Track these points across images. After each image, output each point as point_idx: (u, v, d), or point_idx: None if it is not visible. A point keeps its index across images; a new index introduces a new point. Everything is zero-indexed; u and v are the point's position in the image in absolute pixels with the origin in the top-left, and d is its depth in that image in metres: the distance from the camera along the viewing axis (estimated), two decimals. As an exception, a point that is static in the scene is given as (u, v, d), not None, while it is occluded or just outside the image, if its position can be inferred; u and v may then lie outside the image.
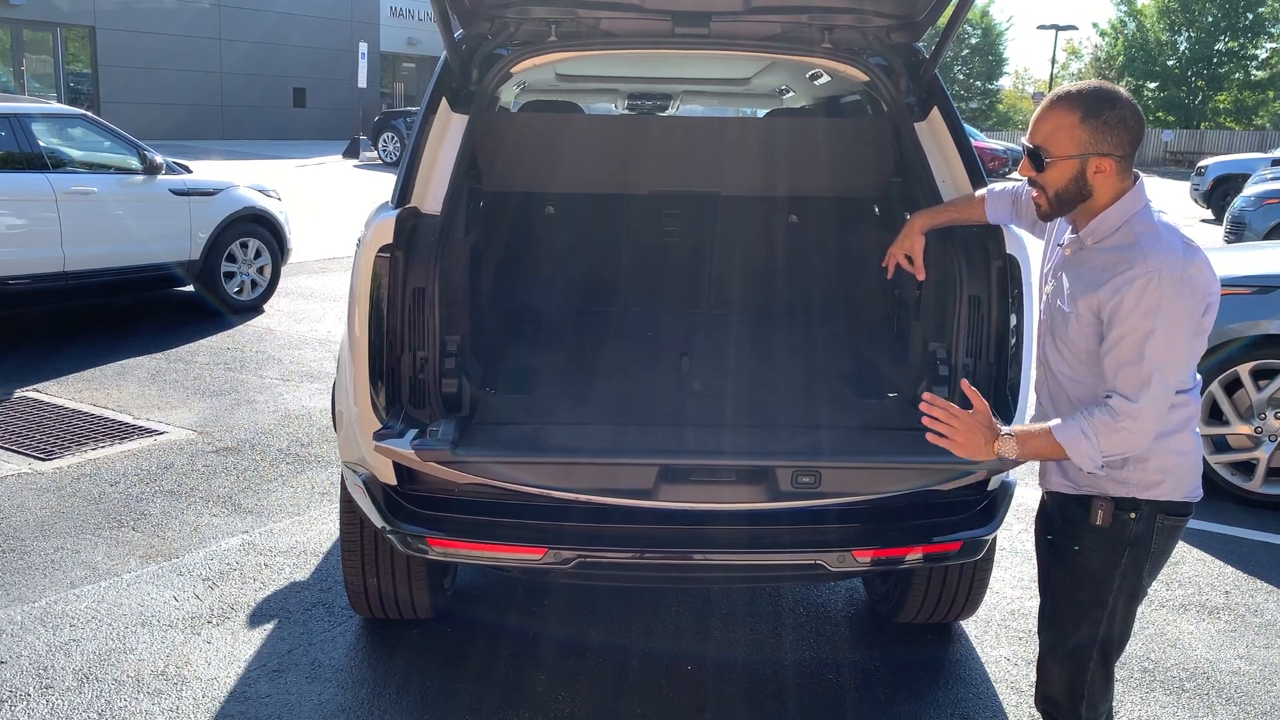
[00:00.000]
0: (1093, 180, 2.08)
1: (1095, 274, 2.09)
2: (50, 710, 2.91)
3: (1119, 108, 2.05)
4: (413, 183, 2.90)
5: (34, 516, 4.21)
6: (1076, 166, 2.08)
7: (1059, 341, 2.20)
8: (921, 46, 3.20)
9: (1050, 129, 2.09)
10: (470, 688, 3.11)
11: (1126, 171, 2.09)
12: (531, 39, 3.07)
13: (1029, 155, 2.14)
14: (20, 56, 25.82)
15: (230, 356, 6.89)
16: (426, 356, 2.72)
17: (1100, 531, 2.17)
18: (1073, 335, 2.15)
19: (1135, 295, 2.00)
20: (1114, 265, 2.04)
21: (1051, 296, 2.23)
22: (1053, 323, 2.22)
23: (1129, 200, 2.09)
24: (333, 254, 11.04)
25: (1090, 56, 53.52)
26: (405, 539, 2.67)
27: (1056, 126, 2.08)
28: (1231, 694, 3.24)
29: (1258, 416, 4.78)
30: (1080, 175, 2.08)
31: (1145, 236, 2.05)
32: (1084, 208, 2.13)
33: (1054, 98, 2.11)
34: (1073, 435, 2.06)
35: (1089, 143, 2.05)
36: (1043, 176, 2.12)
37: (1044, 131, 2.10)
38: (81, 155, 7.33)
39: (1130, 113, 2.06)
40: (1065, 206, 2.15)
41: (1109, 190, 2.09)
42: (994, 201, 2.67)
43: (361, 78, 25.84)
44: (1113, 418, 2.03)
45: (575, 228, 4.13)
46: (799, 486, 2.56)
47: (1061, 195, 2.12)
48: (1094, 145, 2.05)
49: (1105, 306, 2.05)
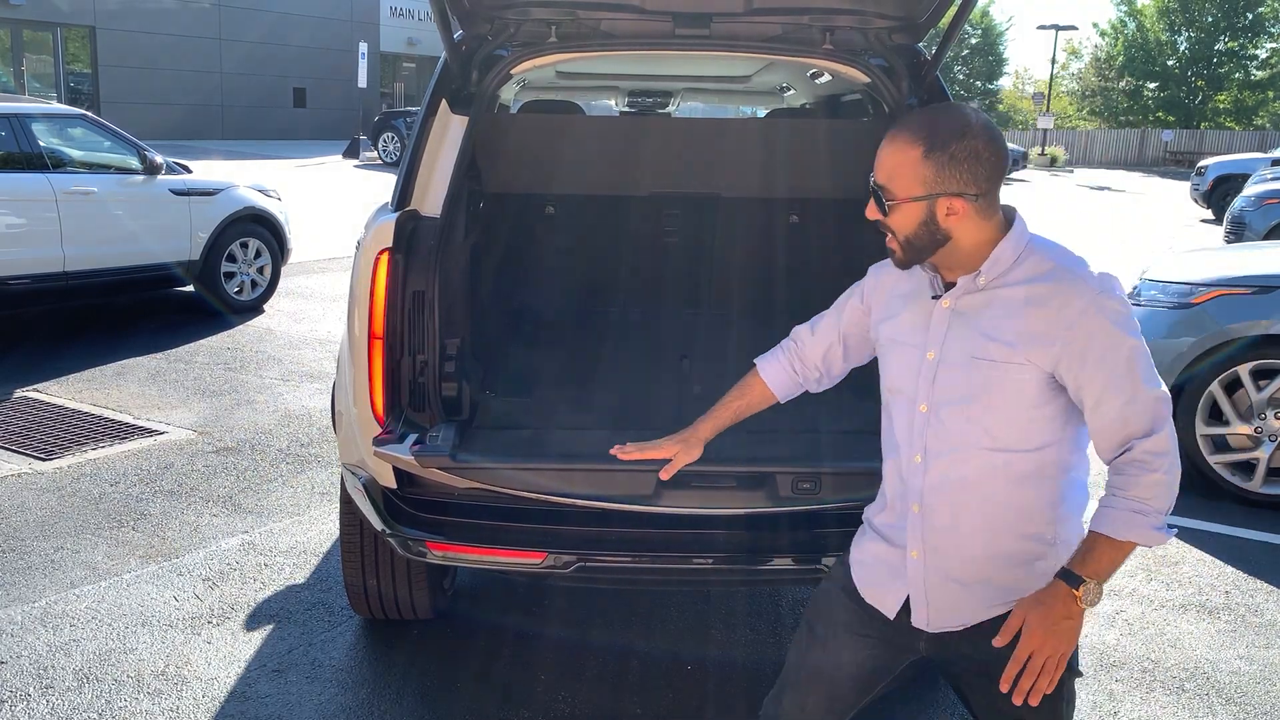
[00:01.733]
0: (945, 223, 1.74)
1: (1016, 310, 1.73)
2: (50, 710, 2.91)
3: (969, 137, 1.70)
4: (412, 185, 2.90)
5: (34, 516, 4.21)
6: (924, 209, 1.73)
7: (980, 411, 1.76)
8: (923, 48, 3.20)
9: (891, 166, 1.74)
10: (470, 688, 3.11)
11: (990, 207, 1.75)
12: (531, 40, 3.07)
13: (873, 196, 1.79)
14: (20, 56, 25.82)
15: (230, 356, 6.89)
16: (426, 359, 2.72)
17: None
18: (1010, 388, 1.74)
19: (1098, 321, 1.69)
20: (1044, 299, 1.71)
21: (948, 360, 1.79)
22: (963, 389, 1.78)
23: (1019, 227, 1.78)
24: (333, 254, 11.04)
25: (1090, 56, 53.55)
26: (405, 543, 2.67)
27: (898, 163, 1.74)
28: (1231, 694, 3.24)
29: (1258, 416, 4.79)
30: (930, 219, 1.74)
31: (1059, 257, 1.76)
32: (945, 254, 1.78)
33: (895, 130, 1.76)
34: (1129, 522, 1.69)
35: (935, 181, 1.71)
36: (889, 221, 1.77)
37: (886, 169, 1.76)
38: (81, 155, 7.33)
39: (985, 142, 1.71)
40: (922, 253, 1.78)
41: (970, 232, 1.75)
42: (773, 375, 2.20)
43: (361, 78, 25.84)
44: (1149, 470, 1.68)
45: (575, 229, 4.13)
46: (799, 492, 2.56)
47: (914, 242, 1.77)
48: (941, 184, 1.71)
49: (1057, 348, 1.70)
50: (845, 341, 2.10)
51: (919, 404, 1.83)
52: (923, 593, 1.87)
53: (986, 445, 1.78)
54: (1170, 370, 4.91)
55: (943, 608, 1.86)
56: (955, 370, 1.79)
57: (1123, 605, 3.82)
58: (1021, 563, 1.81)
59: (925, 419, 1.82)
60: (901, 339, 1.88)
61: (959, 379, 1.78)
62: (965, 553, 1.83)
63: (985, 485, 1.79)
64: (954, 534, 1.83)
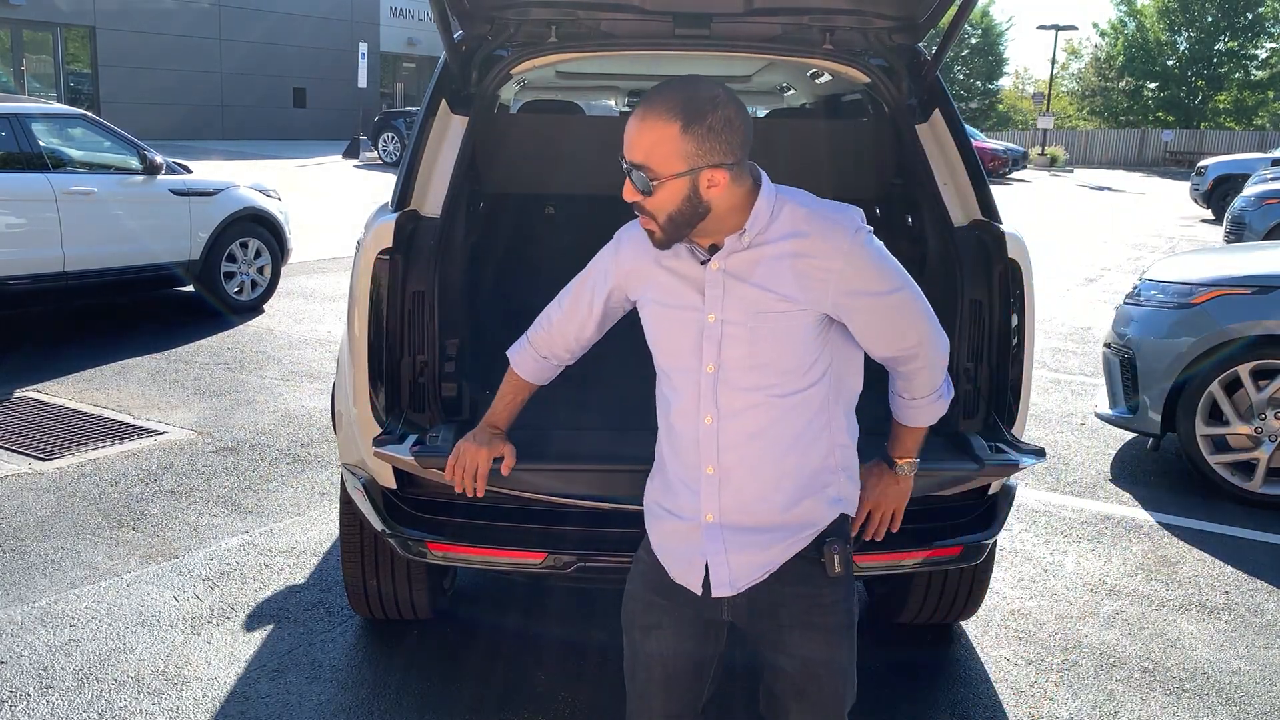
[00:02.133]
0: (707, 196, 1.75)
1: (786, 262, 1.80)
2: (50, 710, 2.91)
3: (721, 107, 1.73)
4: (412, 185, 2.90)
5: (34, 516, 4.21)
6: (688, 184, 1.74)
7: (766, 361, 1.82)
8: (923, 48, 3.20)
9: (649, 145, 1.73)
10: (470, 688, 3.11)
11: (744, 173, 1.80)
12: (531, 40, 3.06)
13: (630, 177, 1.76)
14: (20, 56, 25.82)
15: (230, 356, 6.89)
16: (426, 360, 2.72)
17: (837, 577, 1.90)
18: (792, 334, 1.82)
19: (861, 257, 1.79)
20: (810, 247, 1.79)
21: (730, 319, 1.82)
22: (748, 344, 1.82)
23: (766, 182, 1.83)
24: (333, 254, 11.04)
25: (1090, 56, 53.57)
26: (405, 543, 2.67)
27: (656, 141, 1.72)
28: (1231, 694, 3.24)
29: (1258, 416, 4.79)
30: (694, 193, 1.75)
31: (810, 203, 1.84)
32: (703, 225, 1.80)
33: (646, 107, 1.74)
34: (919, 412, 2.00)
35: (697, 155, 1.72)
36: (650, 202, 1.76)
37: (642, 148, 1.73)
38: (81, 155, 7.33)
39: (735, 111, 1.74)
40: (682, 229, 1.79)
41: (728, 199, 1.78)
42: (524, 368, 2.21)
43: (361, 78, 25.84)
44: (922, 367, 1.93)
45: (575, 229, 4.11)
46: None
47: (676, 219, 1.77)
48: (703, 157, 1.72)
49: (831, 289, 1.79)
50: (597, 314, 2.08)
51: (705, 365, 1.85)
52: (723, 555, 1.88)
53: (776, 393, 1.84)
54: (1170, 370, 4.91)
55: (744, 563, 1.89)
56: (739, 328, 1.83)
57: (1123, 605, 3.82)
58: (812, 495, 1.89)
59: (714, 379, 1.85)
60: (673, 304, 1.89)
61: (743, 335, 1.83)
62: (764, 503, 1.87)
63: (777, 430, 1.85)
64: (751, 486, 1.87)
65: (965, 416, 2.83)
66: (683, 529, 1.92)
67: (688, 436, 1.89)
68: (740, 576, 1.89)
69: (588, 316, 2.10)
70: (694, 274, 1.87)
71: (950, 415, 2.84)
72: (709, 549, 1.89)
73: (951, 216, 2.95)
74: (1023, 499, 4.79)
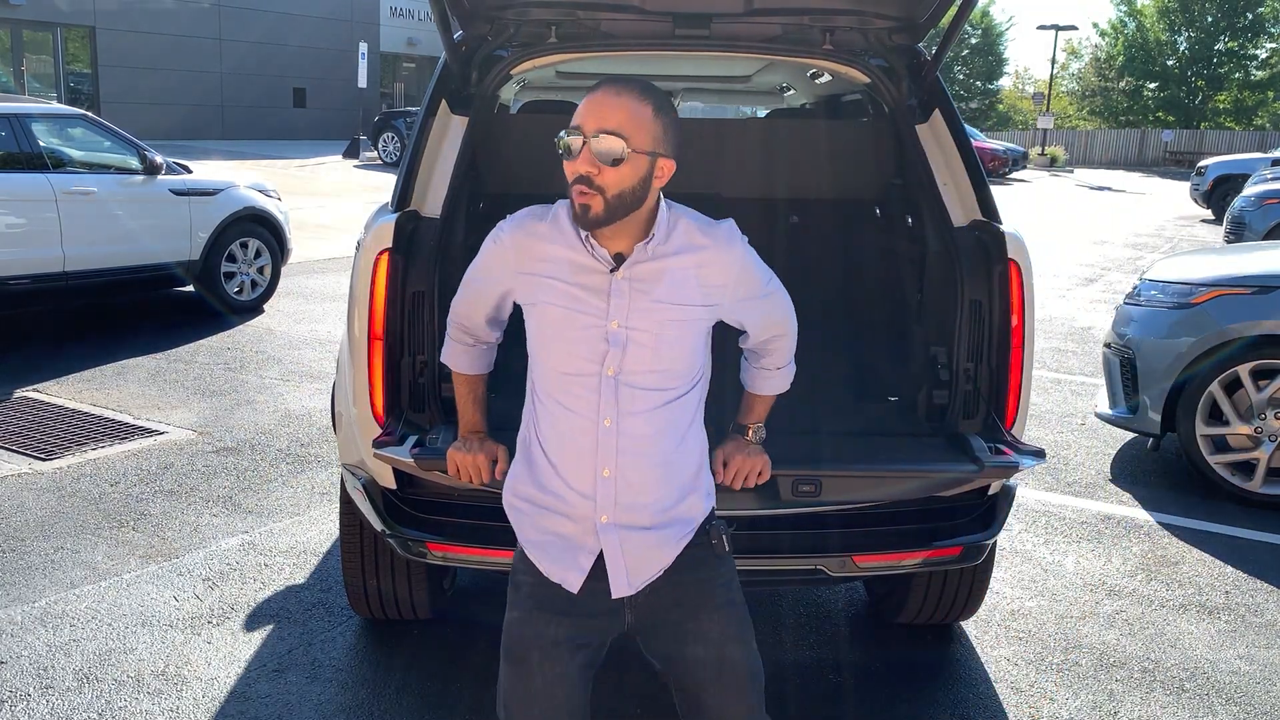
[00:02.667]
0: (653, 184, 1.81)
1: (690, 274, 1.89)
2: (50, 710, 2.91)
3: (672, 106, 1.84)
4: (412, 186, 2.89)
5: (34, 516, 4.21)
6: (647, 166, 1.77)
7: (665, 365, 1.88)
8: (923, 48, 3.20)
9: (625, 118, 1.74)
10: (470, 688, 3.11)
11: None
12: (531, 40, 3.07)
13: (592, 147, 1.74)
14: (20, 56, 25.82)
15: (230, 356, 6.89)
16: (426, 360, 2.72)
17: (725, 555, 1.99)
18: (688, 339, 1.90)
19: (747, 266, 1.97)
20: (709, 259, 1.90)
21: (635, 326, 1.86)
22: (651, 349, 1.87)
23: (663, 200, 1.89)
24: (333, 254, 11.04)
25: (1090, 56, 53.56)
26: (405, 543, 2.67)
27: (632, 115, 1.74)
28: (1231, 694, 3.24)
29: (1258, 416, 4.79)
30: (648, 177, 1.78)
31: (699, 218, 1.94)
32: (627, 220, 1.81)
33: (618, 84, 1.77)
34: (773, 381, 2.19)
35: (661, 141, 1.78)
36: (609, 175, 1.74)
37: (617, 119, 1.74)
38: (81, 155, 7.33)
39: (676, 114, 1.85)
40: (619, 213, 1.79)
41: (655, 197, 1.84)
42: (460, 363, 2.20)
43: (361, 78, 25.84)
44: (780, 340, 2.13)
45: None
46: (799, 495, 2.55)
47: (623, 198, 1.77)
48: (664, 145, 1.79)
49: (727, 296, 1.93)
50: (503, 299, 2.07)
51: (606, 369, 1.86)
52: (619, 556, 1.88)
53: (670, 396, 1.90)
54: (1170, 370, 4.91)
55: (641, 561, 1.90)
56: (644, 334, 1.87)
57: (1123, 605, 3.82)
58: (695, 491, 1.97)
59: (614, 383, 1.86)
60: (571, 307, 1.88)
61: (648, 341, 1.87)
62: (657, 503, 1.90)
63: (670, 429, 1.91)
64: (647, 486, 1.89)
65: (965, 417, 2.83)
66: (568, 528, 1.91)
67: (584, 440, 1.88)
68: (638, 575, 1.90)
69: (493, 303, 2.10)
70: (597, 280, 1.87)
71: (950, 416, 2.85)
72: (606, 550, 1.88)
73: (951, 217, 2.95)
74: (1023, 499, 4.79)
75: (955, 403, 2.83)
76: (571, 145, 1.76)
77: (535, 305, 1.93)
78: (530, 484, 1.96)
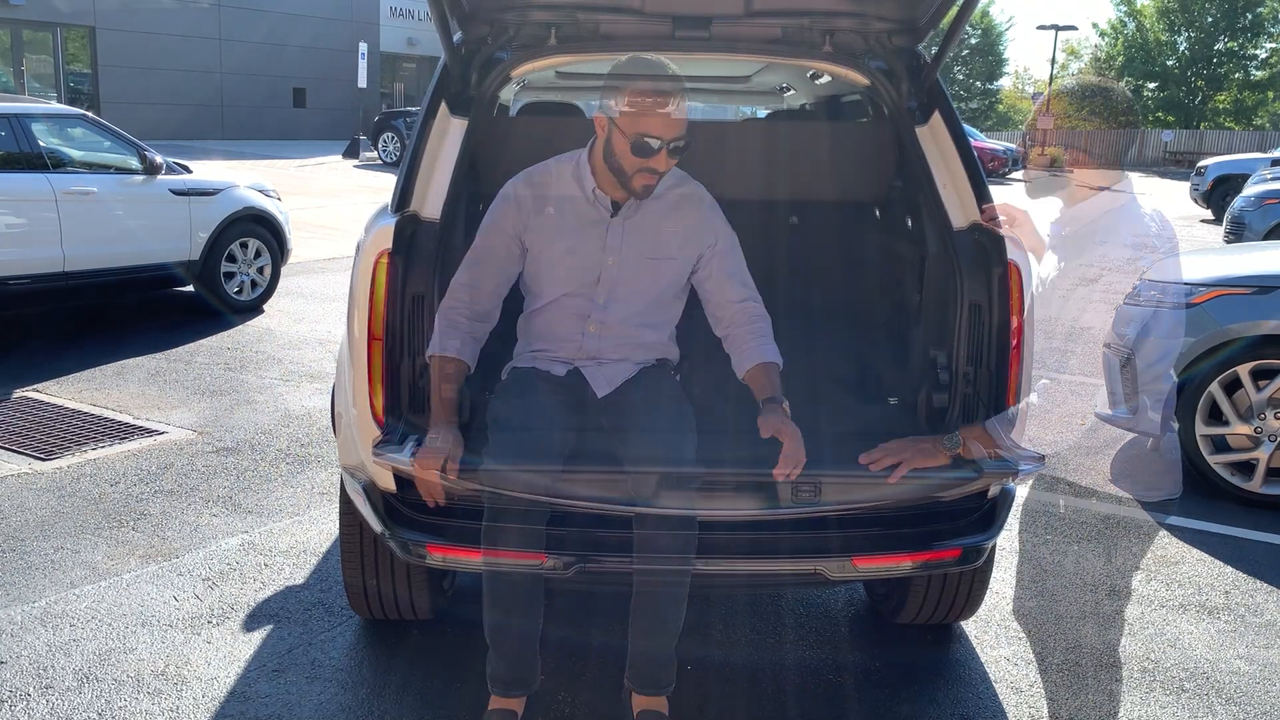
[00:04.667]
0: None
1: (669, 216, 2.69)
2: (50, 710, 2.91)
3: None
4: (412, 187, 2.89)
5: (34, 516, 4.21)
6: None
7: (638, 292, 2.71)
8: (922, 50, 3.20)
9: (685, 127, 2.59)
10: (470, 688, 3.11)
11: None
12: (531, 42, 3.06)
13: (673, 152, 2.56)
14: (20, 56, 25.82)
15: (230, 356, 6.89)
16: (426, 362, 2.72)
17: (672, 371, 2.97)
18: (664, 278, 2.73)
19: (717, 215, 2.76)
20: (682, 204, 2.73)
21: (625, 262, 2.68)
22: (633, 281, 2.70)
23: None
24: (333, 254, 11.04)
25: (1090, 56, 53.54)
26: (405, 545, 2.66)
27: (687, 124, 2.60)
28: (1231, 694, 3.24)
29: (1258, 416, 4.79)
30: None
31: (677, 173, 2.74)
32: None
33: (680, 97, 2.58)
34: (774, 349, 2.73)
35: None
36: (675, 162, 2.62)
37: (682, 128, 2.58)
38: (81, 155, 7.33)
39: None
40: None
41: None
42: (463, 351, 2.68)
43: (361, 78, 25.84)
44: (759, 306, 2.77)
45: None
46: (799, 497, 2.55)
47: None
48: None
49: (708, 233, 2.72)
50: (514, 267, 2.76)
51: (598, 297, 2.70)
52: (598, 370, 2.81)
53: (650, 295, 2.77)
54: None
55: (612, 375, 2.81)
56: (630, 269, 2.71)
57: (1122, 605, 3.81)
58: (661, 345, 2.89)
59: (604, 306, 2.71)
60: (574, 247, 2.69)
61: (631, 274, 2.71)
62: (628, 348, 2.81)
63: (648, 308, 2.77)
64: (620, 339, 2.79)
65: (964, 420, 2.83)
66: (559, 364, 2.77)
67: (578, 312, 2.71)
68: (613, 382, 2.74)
69: (507, 275, 2.76)
70: (597, 222, 2.69)
71: (950, 418, 2.85)
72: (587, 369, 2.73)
73: (951, 219, 2.95)
74: (1022, 499, 4.78)
75: (955, 405, 2.83)
76: (651, 145, 2.52)
77: (535, 231, 2.68)
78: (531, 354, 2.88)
